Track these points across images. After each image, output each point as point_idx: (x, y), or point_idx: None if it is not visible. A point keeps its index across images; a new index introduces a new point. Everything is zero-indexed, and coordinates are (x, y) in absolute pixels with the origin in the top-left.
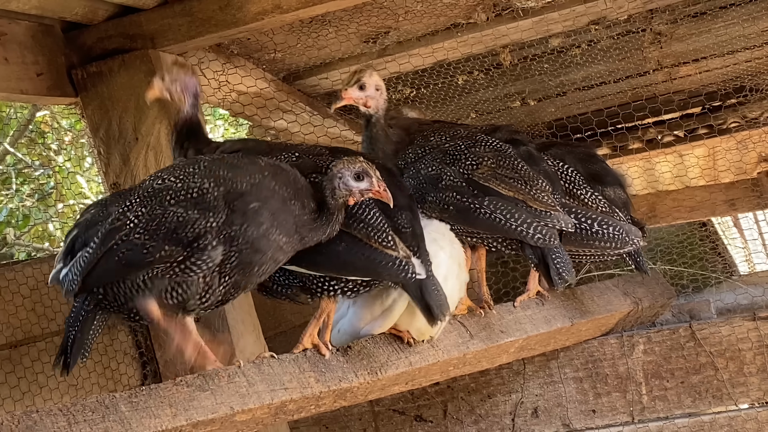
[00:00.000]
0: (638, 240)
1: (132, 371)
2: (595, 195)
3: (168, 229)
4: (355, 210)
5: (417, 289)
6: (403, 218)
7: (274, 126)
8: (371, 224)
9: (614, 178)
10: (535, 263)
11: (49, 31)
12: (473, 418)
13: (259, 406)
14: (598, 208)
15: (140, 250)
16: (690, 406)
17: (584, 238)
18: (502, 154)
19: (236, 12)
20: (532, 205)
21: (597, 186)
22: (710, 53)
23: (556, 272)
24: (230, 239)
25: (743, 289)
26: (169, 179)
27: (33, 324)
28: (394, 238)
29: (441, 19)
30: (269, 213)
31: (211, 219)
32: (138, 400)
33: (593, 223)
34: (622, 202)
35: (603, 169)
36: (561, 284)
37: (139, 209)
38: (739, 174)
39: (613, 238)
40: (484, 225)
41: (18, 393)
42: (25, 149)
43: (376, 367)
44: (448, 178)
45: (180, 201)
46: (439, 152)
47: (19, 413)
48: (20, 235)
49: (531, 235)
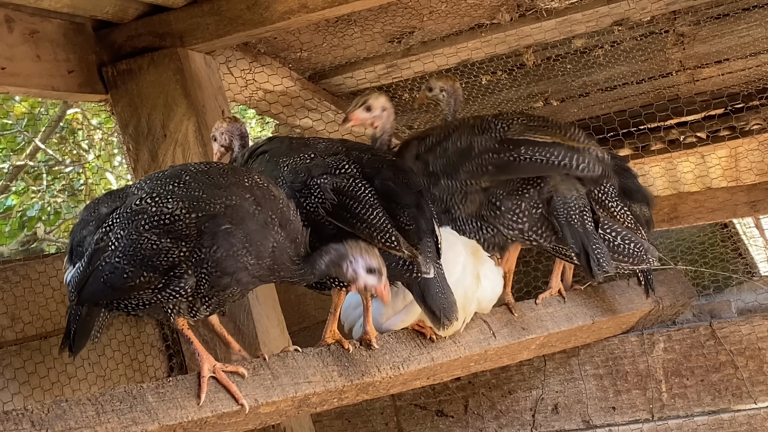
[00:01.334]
0: (654, 260)
1: (159, 363)
2: (623, 210)
3: (144, 256)
4: (359, 210)
5: (419, 291)
6: (407, 215)
7: (299, 124)
8: (374, 225)
9: (643, 196)
10: (576, 252)
11: (81, 29)
12: (494, 413)
13: (283, 398)
14: (625, 223)
15: (121, 275)
16: (709, 404)
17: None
18: (530, 116)
19: (263, 11)
20: (568, 144)
21: (626, 201)
22: (733, 55)
23: (596, 262)
24: (200, 263)
25: (764, 290)
26: (146, 201)
27: (62, 316)
28: (398, 237)
29: (465, 19)
30: (243, 234)
31: (184, 247)
32: (165, 390)
33: (617, 237)
34: (645, 221)
35: (634, 185)
36: (600, 274)
37: (119, 231)
38: (761, 175)
39: (632, 255)
40: (527, 168)
41: (47, 383)
42: (56, 146)
43: (398, 362)
44: (480, 144)
45: (154, 227)
46: (467, 127)
47: (49, 402)
48: (50, 231)
49: (575, 165)
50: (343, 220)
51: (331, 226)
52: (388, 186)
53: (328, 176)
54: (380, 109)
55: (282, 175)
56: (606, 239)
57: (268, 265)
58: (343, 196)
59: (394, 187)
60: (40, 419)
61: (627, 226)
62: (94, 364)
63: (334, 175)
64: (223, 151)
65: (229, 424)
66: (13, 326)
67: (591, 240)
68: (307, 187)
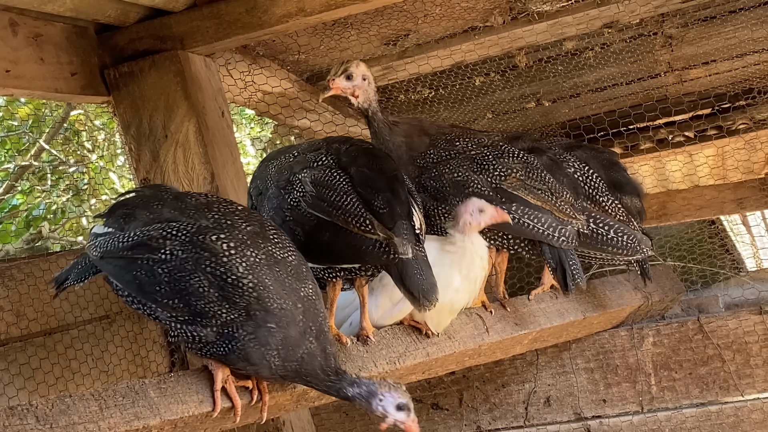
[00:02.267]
0: (647, 249)
1: (161, 359)
2: (614, 203)
3: (185, 289)
4: (334, 198)
5: (398, 273)
6: (381, 200)
7: (297, 125)
8: (349, 210)
9: (633, 188)
10: (552, 267)
11: (83, 32)
12: (488, 406)
13: (281, 392)
14: (617, 216)
15: (154, 286)
16: (697, 397)
17: (599, 243)
18: (530, 166)
19: (262, 15)
20: (556, 215)
21: (616, 194)
22: (720, 56)
23: (571, 277)
24: (230, 338)
25: (750, 285)
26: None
27: (66, 312)
28: (372, 221)
29: (459, 22)
30: (281, 338)
31: (225, 311)
32: (166, 386)
33: (609, 230)
34: (636, 211)
35: (624, 177)
36: (574, 289)
37: (179, 249)
38: (747, 173)
39: (626, 246)
40: (512, 229)
41: (52, 378)
42: (60, 147)
43: (394, 357)
44: (475, 185)
45: (214, 273)
46: (466, 159)
47: (53, 398)
48: (55, 229)
49: (556, 238)
50: (321, 209)
51: (312, 217)
52: (363, 172)
53: (307, 170)
54: (361, 77)
55: (269, 175)
56: (599, 233)
57: (294, 368)
58: (320, 187)
59: (369, 173)
60: (44, 414)
61: (619, 219)
62: (98, 360)
63: (312, 169)
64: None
65: (230, 418)
66: (18, 323)
67: (568, 255)
68: (290, 183)
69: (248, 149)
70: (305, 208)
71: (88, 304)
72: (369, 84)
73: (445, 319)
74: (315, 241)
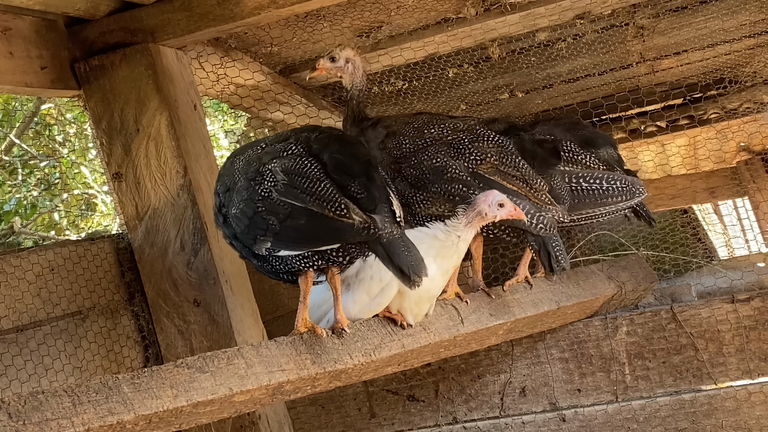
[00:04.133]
0: (643, 189)
1: (135, 354)
2: (593, 158)
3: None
4: (306, 185)
5: (384, 252)
6: (357, 185)
7: (270, 117)
8: (323, 196)
9: (604, 140)
10: (536, 249)
11: (53, 25)
12: (463, 397)
13: (257, 387)
14: (600, 168)
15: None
16: (671, 385)
17: (598, 197)
18: (504, 151)
19: (233, 7)
20: (533, 201)
21: (590, 149)
22: (691, 46)
23: (556, 259)
24: None
25: (722, 273)
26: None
27: (38, 309)
28: (347, 205)
29: (431, 13)
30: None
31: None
32: (140, 381)
33: (602, 182)
34: (615, 161)
35: (592, 132)
36: (559, 270)
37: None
38: (719, 163)
39: (623, 191)
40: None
41: (24, 375)
42: (31, 141)
43: (370, 349)
44: (454, 171)
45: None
46: (443, 144)
47: (26, 394)
48: (27, 224)
49: (534, 225)
50: (294, 196)
51: (285, 205)
52: (336, 158)
53: (277, 160)
54: (344, 60)
55: (237, 170)
56: (593, 188)
57: None
58: (292, 175)
59: (343, 159)
60: (17, 411)
61: (604, 169)
62: (71, 356)
63: (282, 158)
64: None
65: (204, 413)
66: None
67: (551, 238)
68: (260, 174)
69: (222, 142)
70: (277, 197)
71: (60, 300)
72: (355, 68)
73: (423, 308)
74: (291, 228)
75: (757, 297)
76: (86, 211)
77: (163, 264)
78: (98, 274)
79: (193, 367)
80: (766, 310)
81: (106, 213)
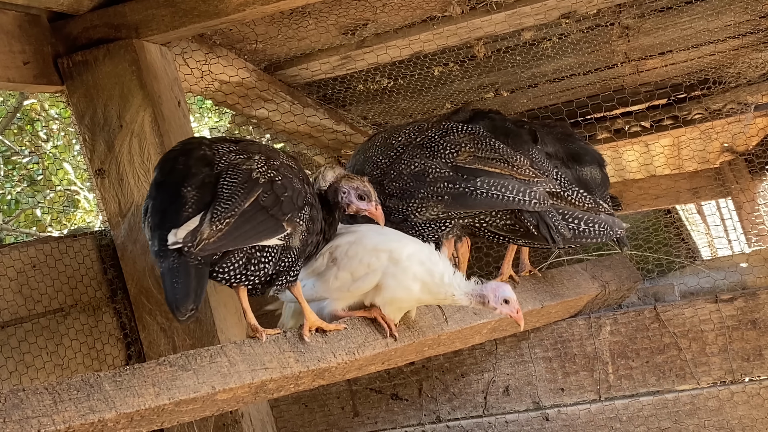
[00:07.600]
0: (620, 230)
1: (117, 352)
2: (579, 194)
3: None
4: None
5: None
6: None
7: (255, 114)
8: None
9: (592, 157)
10: (534, 225)
11: (36, 21)
12: (447, 396)
13: (239, 385)
14: (585, 206)
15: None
16: (654, 385)
17: (575, 237)
18: (477, 137)
19: (218, 3)
20: (519, 178)
21: (575, 165)
22: (676, 47)
23: (556, 230)
24: None
25: (706, 274)
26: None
27: (20, 305)
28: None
29: (417, 12)
30: None
31: None
32: (122, 379)
33: (581, 222)
34: (600, 181)
35: (581, 148)
36: (560, 240)
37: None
38: (703, 163)
39: (600, 234)
40: (483, 204)
41: (5, 372)
42: (14, 137)
43: (353, 347)
44: (434, 171)
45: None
46: (415, 148)
47: (6, 392)
48: (9, 220)
49: (528, 201)
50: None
51: None
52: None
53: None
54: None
55: None
56: (570, 228)
57: None
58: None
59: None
60: None
61: (587, 208)
62: (52, 354)
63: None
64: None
65: (187, 411)
66: None
67: (547, 210)
68: None
69: None
70: None
71: (42, 297)
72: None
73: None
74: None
75: (740, 297)
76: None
77: (145, 261)
78: (80, 271)
79: (176, 365)
80: (749, 310)
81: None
